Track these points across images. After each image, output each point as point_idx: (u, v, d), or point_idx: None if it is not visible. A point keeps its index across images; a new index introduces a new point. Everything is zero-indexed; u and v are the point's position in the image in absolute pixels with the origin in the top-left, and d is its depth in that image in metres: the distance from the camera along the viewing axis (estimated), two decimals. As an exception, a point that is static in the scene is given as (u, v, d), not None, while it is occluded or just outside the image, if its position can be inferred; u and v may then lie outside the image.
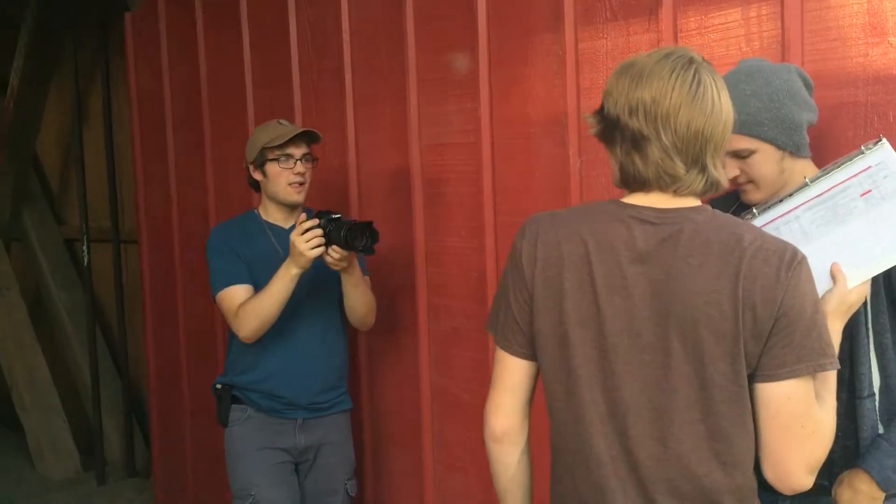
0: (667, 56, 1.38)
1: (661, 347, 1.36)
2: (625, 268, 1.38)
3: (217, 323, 3.51)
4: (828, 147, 1.86)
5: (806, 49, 1.95)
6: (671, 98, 1.35)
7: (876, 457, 1.70)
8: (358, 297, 2.58)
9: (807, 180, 1.68)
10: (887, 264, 1.58)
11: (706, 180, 1.39)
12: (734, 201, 1.91)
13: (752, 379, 1.36)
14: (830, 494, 1.76)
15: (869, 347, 1.73)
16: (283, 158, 2.55)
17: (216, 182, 3.53)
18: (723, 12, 2.08)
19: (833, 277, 1.57)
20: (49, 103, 5.52)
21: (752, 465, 1.39)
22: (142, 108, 4.00)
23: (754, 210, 1.74)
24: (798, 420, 1.34)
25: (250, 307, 2.45)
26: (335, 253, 2.38)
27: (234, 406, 2.63)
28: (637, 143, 1.37)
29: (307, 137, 2.60)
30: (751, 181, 1.77)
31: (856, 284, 1.57)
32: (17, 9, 5.16)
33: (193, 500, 3.90)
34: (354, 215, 3.00)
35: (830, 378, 1.41)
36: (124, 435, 5.13)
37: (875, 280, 1.72)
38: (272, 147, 2.53)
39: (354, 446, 2.81)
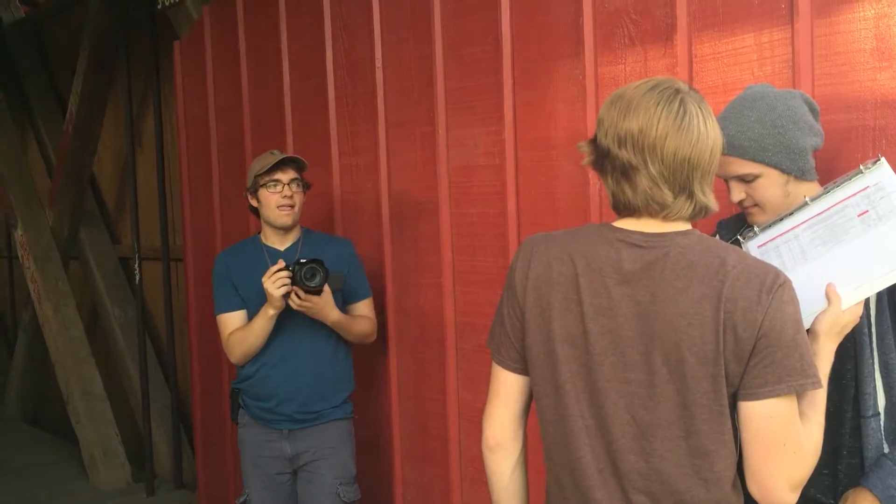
0: (654, 87, 1.43)
1: (644, 367, 1.40)
2: (611, 289, 1.43)
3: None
4: (838, 170, 1.89)
5: (816, 73, 1.99)
6: (657, 128, 1.40)
7: (879, 475, 1.71)
8: (345, 335, 2.85)
9: (807, 199, 1.72)
10: (881, 285, 1.60)
11: (694, 206, 1.44)
12: (742, 223, 1.95)
13: (736, 397, 1.40)
14: (835, 513, 1.78)
15: (874, 367, 1.75)
16: (271, 184, 2.78)
17: (257, 203, 3.65)
18: (736, 37, 2.12)
19: (828, 298, 1.59)
20: (106, 127, 5.76)
21: (732, 481, 1.43)
22: (189, 132, 4.17)
23: (755, 229, 1.78)
24: (779, 438, 1.37)
25: (238, 337, 2.77)
26: (296, 299, 2.66)
27: (241, 410, 2.92)
28: (626, 172, 1.43)
29: (295, 164, 2.83)
30: (756, 204, 1.81)
31: (850, 305, 1.58)
32: (77, 34, 5.41)
33: (236, 511, 4.01)
34: (385, 235, 3.09)
35: (817, 397, 1.45)
36: (173, 447, 5.28)
37: (880, 300, 1.74)
38: (262, 174, 2.78)
39: (383, 461, 2.90)
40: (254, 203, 2.86)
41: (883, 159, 1.63)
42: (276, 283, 2.63)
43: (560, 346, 1.47)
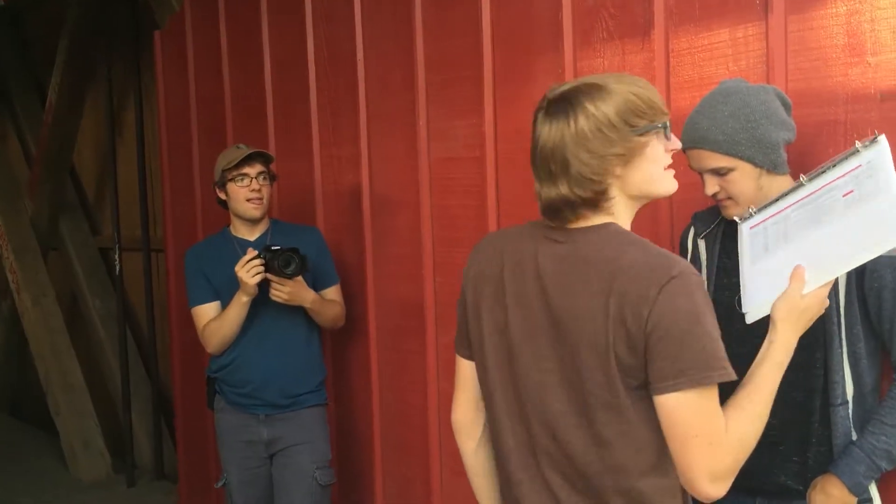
0: (543, 97, 1.51)
1: (554, 357, 1.47)
2: (529, 283, 1.51)
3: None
4: (810, 164, 1.91)
5: (789, 68, 2.02)
6: (552, 137, 1.45)
7: (848, 463, 1.76)
8: (318, 318, 2.93)
9: (802, 179, 1.69)
10: (843, 269, 1.56)
11: (591, 195, 1.46)
12: (716, 215, 1.99)
13: (649, 391, 1.41)
14: (804, 499, 1.83)
15: (843, 356, 1.79)
16: (239, 178, 2.85)
17: (238, 194, 3.65)
18: (712, 32, 2.15)
19: (789, 281, 1.55)
20: (85, 117, 5.73)
21: (642, 472, 1.44)
22: (170, 122, 4.16)
23: (751, 209, 1.79)
24: (690, 430, 1.36)
25: (213, 327, 2.84)
26: (275, 291, 2.76)
27: (217, 395, 2.99)
28: (541, 176, 1.49)
29: (262, 158, 2.89)
30: (730, 197, 1.85)
31: (813, 288, 1.53)
32: (56, 25, 5.38)
33: (217, 501, 4.02)
34: (366, 226, 3.11)
35: (759, 388, 1.43)
36: (154, 438, 5.29)
37: (849, 291, 1.78)
38: (229, 169, 2.84)
39: (363, 451, 2.93)
40: (222, 196, 2.93)
41: (882, 137, 1.57)
42: (249, 271, 2.71)
43: (488, 337, 1.56)
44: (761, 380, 1.44)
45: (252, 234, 2.95)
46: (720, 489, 1.38)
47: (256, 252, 2.75)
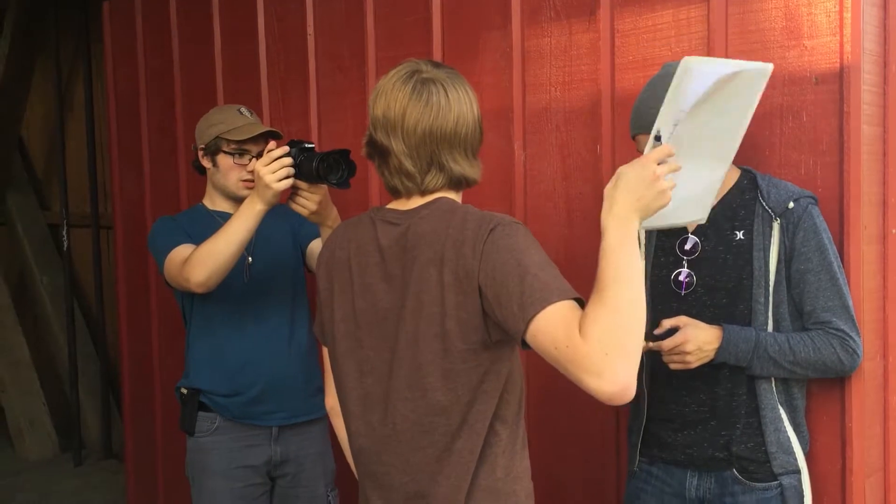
0: (395, 73, 1.55)
1: (395, 335, 1.51)
2: (372, 267, 1.55)
3: (188, 307, 3.60)
4: (745, 146, 1.96)
5: (729, 50, 2.06)
6: (396, 108, 1.51)
7: (741, 331, 1.83)
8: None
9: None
10: (658, 125, 1.48)
11: (448, 177, 1.53)
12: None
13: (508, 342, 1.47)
14: (732, 467, 1.88)
15: (767, 318, 1.85)
16: (238, 154, 2.39)
17: (187, 168, 3.61)
18: (655, 14, 2.18)
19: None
20: (33, 91, 5.60)
21: (470, 429, 1.48)
22: (118, 97, 4.09)
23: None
24: (552, 347, 1.34)
25: (204, 248, 2.18)
26: (305, 196, 2.08)
27: (200, 414, 2.42)
28: (383, 155, 1.54)
29: (268, 135, 2.41)
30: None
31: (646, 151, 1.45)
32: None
33: (164, 480, 3.99)
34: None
35: (601, 291, 1.33)
36: (102, 417, 5.23)
37: (778, 271, 1.85)
38: (229, 139, 2.38)
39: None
40: (206, 164, 2.44)
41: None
42: (275, 171, 2.04)
43: (338, 324, 1.60)
44: (603, 263, 1.35)
45: (234, 209, 2.36)
46: (612, 381, 1.28)
47: (286, 147, 2.08)
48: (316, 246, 2.48)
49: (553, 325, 1.34)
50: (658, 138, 1.47)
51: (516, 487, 1.52)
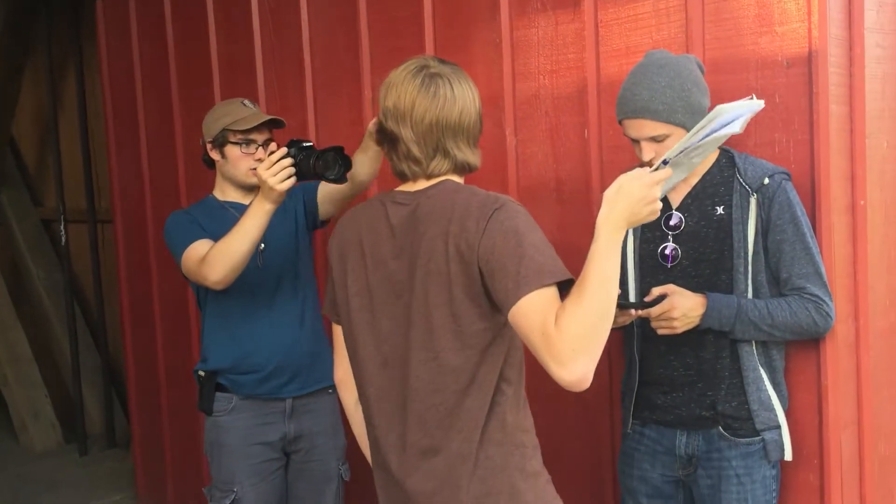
0: (404, 67, 1.70)
1: (409, 303, 1.64)
2: (383, 242, 1.69)
3: (191, 297, 3.71)
4: (724, 125, 2.11)
5: (706, 38, 2.20)
6: (405, 99, 1.65)
7: (725, 298, 1.97)
8: (375, 159, 2.47)
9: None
10: (673, 153, 1.64)
11: (452, 163, 1.68)
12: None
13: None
14: (718, 425, 2.03)
15: (747, 286, 2.00)
16: (244, 144, 2.50)
17: (186, 161, 3.72)
18: (636, 4, 2.32)
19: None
20: (24, 88, 5.66)
21: (488, 390, 1.62)
22: (114, 93, 4.17)
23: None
24: (529, 329, 1.49)
25: (218, 248, 2.31)
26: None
27: (218, 394, 2.56)
28: (392, 142, 1.68)
29: (271, 123, 2.55)
30: None
31: (648, 172, 1.55)
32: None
33: (171, 467, 4.12)
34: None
35: (585, 279, 1.46)
36: (104, 408, 5.34)
37: (756, 241, 1.99)
38: (236, 130, 2.49)
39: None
40: (215, 157, 2.56)
41: (759, 101, 1.75)
42: (278, 174, 2.20)
43: (353, 298, 1.73)
44: (589, 263, 1.48)
45: (246, 199, 2.50)
46: (571, 372, 1.43)
47: (284, 148, 2.25)
48: (323, 189, 2.58)
49: (534, 312, 1.48)
50: (666, 162, 1.62)
51: (524, 439, 1.66)
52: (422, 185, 1.69)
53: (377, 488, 1.79)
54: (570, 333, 1.44)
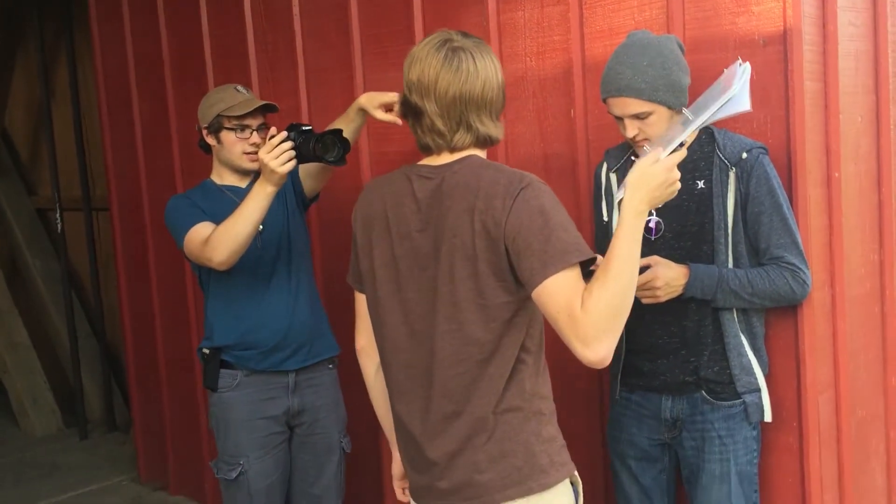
0: (428, 41, 1.73)
1: (435, 276, 1.69)
2: (409, 216, 1.73)
3: (188, 281, 3.79)
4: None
5: (686, 18, 2.27)
6: (429, 73, 1.68)
7: (706, 268, 2.06)
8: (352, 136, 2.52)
9: (685, 113, 1.91)
10: (687, 132, 1.74)
11: (476, 136, 1.71)
12: (626, 150, 2.25)
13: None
14: (701, 390, 2.13)
15: (728, 257, 2.09)
16: (239, 129, 2.57)
17: (181, 148, 3.78)
18: (619, -14, 2.39)
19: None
20: (16, 77, 5.69)
21: (501, 357, 1.68)
22: (107, 80, 4.22)
23: (646, 146, 2.02)
24: (555, 308, 1.56)
25: (222, 229, 2.39)
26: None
27: (223, 371, 2.63)
28: (417, 115, 1.72)
29: (264, 108, 2.62)
30: (646, 138, 2.09)
31: (667, 155, 1.65)
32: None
33: (172, 448, 4.20)
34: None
35: (611, 260, 1.55)
36: (103, 393, 5.41)
37: (735, 212, 2.08)
38: (231, 116, 2.56)
39: (371, 404, 2.98)
40: (211, 142, 2.63)
41: (746, 63, 1.79)
42: (279, 157, 2.29)
43: (379, 269, 1.77)
44: (614, 246, 1.56)
45: (243, 182, 2.65)
46: (595, 352, 1.53)
47: (285, 132, 2.34)
48: (303, 168, 2.62)
49: (560, 292, 1.55)
50: (682, 144, 1.71)
51: (541, 406, 1.73)
52: (446, 158, 1.72)
53: (402, 458, 1.85)
54: (596, 315, 1.51)
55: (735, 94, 1.71)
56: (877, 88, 2.41)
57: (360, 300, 1.89)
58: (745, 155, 2.08)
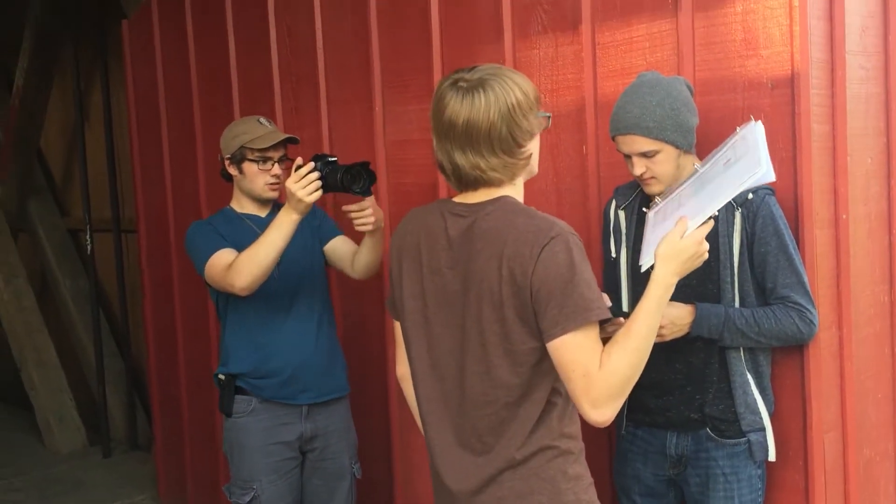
0: (440, 84, 1.75)
1: (463, 316, 1.72)
2: (440, 252, 1.75)
3: (210, 304, 3.84)
4: (712, 145, 2.22)
5: (697, 60, 2.32)
6: (444, 111, 1.69)
7: (712, 308, 2.08)
8: (376, 250, 2.65)
9: (696, 167, 2.03)
10: (715, 207, 1.77)
11: (499, 168, 1.69)
12: (634, 189, 2.29)
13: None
14: (705, 426, 2.14)
15: (734, 296, 2.11)
16: (261, 161, 2.64)
17: (206, 174, 3.88)
18: (631, 28, 2.44)
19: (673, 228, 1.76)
20: (52, 102, 5.86)
21: (538, 403, 1.70)
22: (139, 108, 4.35)
23: (658, 199, 2.10)
24: (571, 365, 1.60)
25: (246, 255, 2.43)
26: (361, 216, 2.47)
27: (237, 397, 2.67)
28: (448, 154, 1.72)
29: (286, 140, 2.70)
30: (653, 176, 2.14)
31: (693, 230, 1.72)
32: (21, 11, 5.50)
33: (191, 468, 4.26)
34: (328, 202, 3.34)
35: (633, 324, 1.62)
36: (127, 411, 5.51)
37: (742, 253, 2.11)
38: (252, 147, 2.63)
39: (383, 431, 3.02)
40: (233, 172, 2.69)
41: (757, 121, 1.88)
42: (306, 187, 2.35)
43: (408, 301, 1.80)
44: (638, 315, 1.64)
45: (263, 211, 2.72)
46: (602, 414, 1.59)
47: (311, 163, 2.39)
48: (336, 243, 2.79)
49: (578, 350, 1.59)
50: (715, 217, 1.79)
51: (570, 445, 1.73)
52: (481, 196, 1.73)
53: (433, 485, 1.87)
54: (613, 380, 1.57)
55: (764, 171, 1.75)
56: (888, 130, 2.43)
57: (398, 328, 1.91)
58: (751, 195, 2.10)
